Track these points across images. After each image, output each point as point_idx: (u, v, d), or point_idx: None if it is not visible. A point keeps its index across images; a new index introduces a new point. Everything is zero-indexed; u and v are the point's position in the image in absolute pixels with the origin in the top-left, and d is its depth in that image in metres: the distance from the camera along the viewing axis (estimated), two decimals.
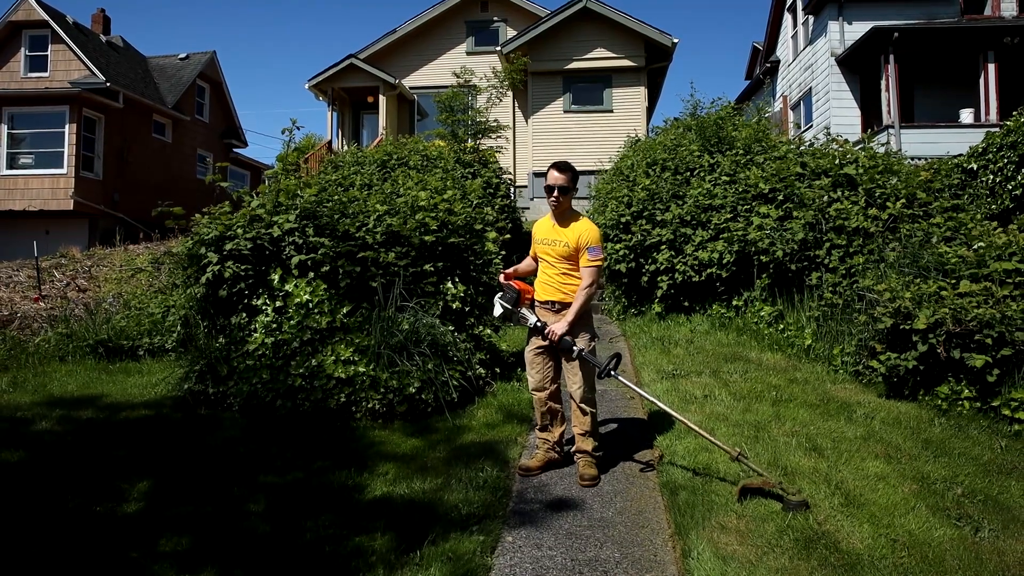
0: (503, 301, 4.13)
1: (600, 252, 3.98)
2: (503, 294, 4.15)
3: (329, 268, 5.67)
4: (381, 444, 4.66)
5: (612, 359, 3.90)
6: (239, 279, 5.71)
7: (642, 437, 4.75)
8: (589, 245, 3.94)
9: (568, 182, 4.00)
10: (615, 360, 3.91)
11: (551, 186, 4.01)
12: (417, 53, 19.64)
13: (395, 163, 11.61)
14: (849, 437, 4.39)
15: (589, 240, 3.94)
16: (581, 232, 3.96)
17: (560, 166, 4.04)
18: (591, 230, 3.98)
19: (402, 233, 5.75)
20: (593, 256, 3.94)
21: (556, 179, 4.00)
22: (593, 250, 3.94)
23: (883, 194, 6.96)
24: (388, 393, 5.17)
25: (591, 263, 3.95)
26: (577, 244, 3.96)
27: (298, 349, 5.46)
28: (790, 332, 6.93)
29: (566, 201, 4.03)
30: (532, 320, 4.07)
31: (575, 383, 4.03)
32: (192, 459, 4.43)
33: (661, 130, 12.04)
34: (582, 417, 4.08)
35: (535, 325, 4.05)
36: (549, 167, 4.11)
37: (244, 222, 5.85)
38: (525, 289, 4.15)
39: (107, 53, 23.46)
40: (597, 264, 3.97)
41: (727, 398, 5.30)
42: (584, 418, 4.07)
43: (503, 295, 4.15)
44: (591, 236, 3.95)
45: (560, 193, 3.99)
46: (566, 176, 4.00)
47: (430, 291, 5.72)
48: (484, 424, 4.99)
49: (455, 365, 5.41)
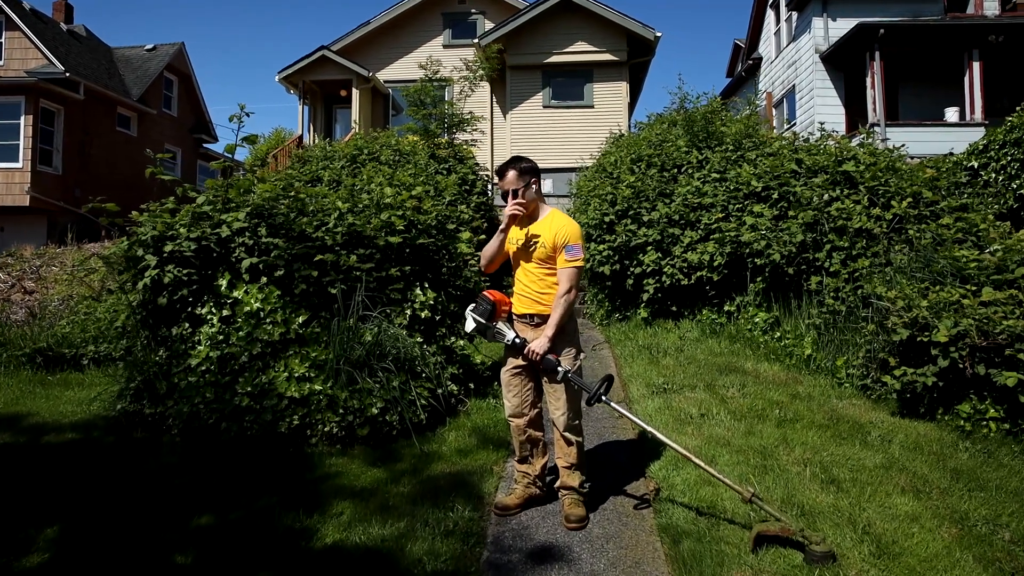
0: (475, 314, 3.54)
1: (579, 251, 3.40)
2: (476, 305, 3.56)
3: (284, 272, 5.05)
4: (337, 476, 4.07)
5: (603, 382, 3.35)
6: (181, 284, 5.08)
7: (633, 464, 4.21)
8: (567, 243, 3.37)
9: (518, 180, 3.44)
10: (606, 384, 3.36)
11: (506, 192, 3.48)
12: (392, 46, 18.96)
13: (366, 158, 10.98)
14: (868, 465, 3.89)
15: (567, 237, 3.38)
16: (558, 228, 3.40)
17: (502, 168, 3.50)
18: (568, 225, 3.42)
19: (365, 233, 5.16)
20: (571, 256, 3.37)
21: (507, 183, 3.46)
22: (571, 249, 3.37)
23: (886, 192, 6.49)
24: (348, 414, 4.59)
25: (569, 264, 3.37)
26: (554, 242, 3.40)
27: (247, 364, 4.84)
28: (788, 341, 6.45)
29: (529, 198, 3.48)
30: (509, 336, 3.49)
31: (558, 408, 3.48)
32: (119, 494, 3.82)
33: (645, 125, 11.54)
34: (566, 448, 3.53)
35: (513, 342, 3.48)
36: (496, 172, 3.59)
37: (188, 220, 5.22)
38: (501, 300, 3.54)
39: (67, 42, 22.48)
40: (576, 265, 3.38)
41: (726, 417, 4.79)
42: (569, 449, 3.52)
43: (476, 306, 3.56)
44: (569, 233, 3.39)
45: (515, 197, 3.45)
46: (514, 173, 3.44)
47: (396, 298, 5.13)
48: (456, 450, 4.42)
49: (424, 382, 4.83)
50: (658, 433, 3.30)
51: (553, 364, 3.35)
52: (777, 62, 20.46)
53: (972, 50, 15.77)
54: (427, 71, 13.01)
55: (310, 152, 12.63)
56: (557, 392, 3.44)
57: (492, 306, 3.49)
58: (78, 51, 22.81)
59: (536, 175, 3.51)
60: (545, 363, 3.36)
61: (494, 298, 3.51)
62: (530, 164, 3.49)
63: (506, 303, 3.59)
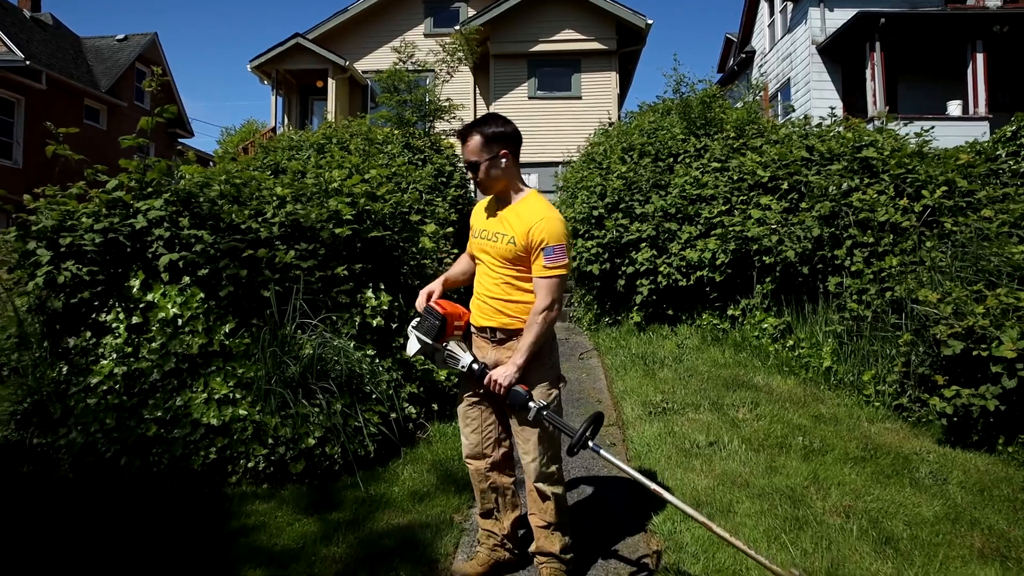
0: (419, 332, 2.65)
1: (563, 255, 2.48)
2: (419, 321, 2.68)
3: (209, 271, 4.19)
4: (258, 529, 3.21)
5: (589, 424, 2.48)
6: (82, 285, 4.20)
7: (631, 510, 3.37)
8: (546, 244, 2.47)
9: (483, 150, 2.52)
10: (591, 426, 2.49)
11: (468, 164, 2.58)
12: (371, 35, 18.05)
13: (334, 147, 10.09)
14: (927, 517, 3.07)
15: (546, 235, 2.47)
16: (534, 222, 2.49)
17: (465, 131, 2.58)
18: (548, 219, 2.49)
19: (305, 224, 4.29)
20: (552, 261, 2.46)
21: (468, 152, 2.55)
22: (552, 252, 2.46)
23: (915, 181, 5.70)
24: (278, 446, 3.73)
25: (550, 272, 2.47)
26: (528, 240, 2.50)
27: (158, 383, 3.97)
28: (802, 350, 5.64)
29: (497, 176, 2.57)
30: (465, 360, 2.62)
31: (528, 453, 2.63)
32: None
33: (637, 114, 10.72)
34: (541, 503, 2.68)
35: (470, 368, 2.61)
36: None
37: (95, 209, 4.34)
38: (454, 313, 2.67)
39: (30, 30, 21.45)
40: (558, 273, 2.48)
41: (740, 447, 3.97)
42: (545, 504, 2.68)
43: (419, 322, 2.68)
44: (549, 230, 2.47)
45: (475, 171, 2.55)
46: (478, 139, 2.52)
47: (344, 302, 4.27)
48: (409, 492, 3.56)
49: (374, 404, 3.97)
50: (682, 504, 2.44)
51: (522, 399, 2.48)
52: (771, 55, 19.74)
53: (976, 41, 15.12)
54: (402, 54, 12.10)
55: (276, 142, 11.73)
56: (527, 433, 2.59)
57: (441, 321, 2.61)
58: (42, 39, 21.79)
59: (509, 144, 2.56)
60: (512, 397, 2.50)
61: (444, 310, 2.63)
62: (501, 129, 2.55)
63: (461, 316, 2.71)
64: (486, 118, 2.62)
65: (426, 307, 2.68)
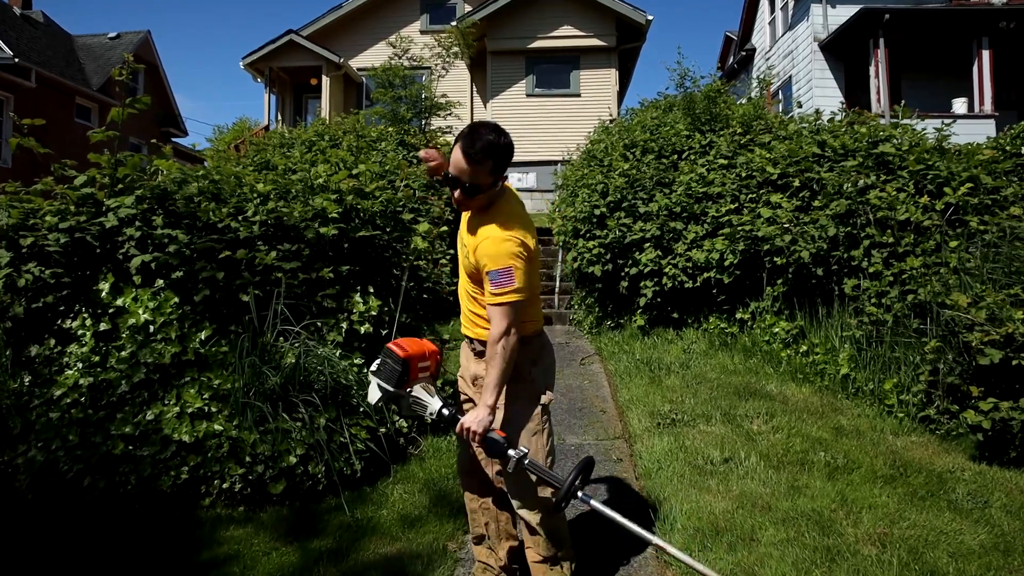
0: (379, 379, 2.33)
1: (507, 280, 2.15)
2: (379, 366, 2.35)
3: (184, 273, 3.88)
4: (231, 560, 2.90)
5: (577, 473, 2.15)
6: (46, 289, 3.89)
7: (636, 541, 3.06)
8: (486, 268, 2.18)
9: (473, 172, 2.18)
10: (580, 474, 2.15)
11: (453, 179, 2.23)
12: (366, 32, 17.72)
13: (326, 144, 9.78)
14: (972, 547, 2.77)
15: (486, 257, 2.18)
16: (480, 240, 2.22)
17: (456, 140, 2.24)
18: (492, 238, 2.19)
19: (288, 223, 3.98)
20: (497, 286, 2.16)
21: (453, 166, 2.21)
22: (496, 276, 2.16)
23: (936, 178, 5.40)
24: (256, 464, 3.42)
25: (497, 298, 2.16)
26: (476, 259, 2.24)
27: (127, 395, 3.66)
28: (817, 356, 5.34)
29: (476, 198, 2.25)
30: (433, 406, 2.31)
31: (511, 488, 2.36)
32: None
33: (638, 111, 10.40)
34: (530, 536, 2.39)
35: (439, 414, 2.30)
36: None
37: (61, 207, 4.04)
38: (417, 354, 2.32)
39: (20, 27, 21.11)
40: (505, 300, 2.15)
41: (759, 463, 3.66)
42: (534, 538, 2.38)
43: (379, 368, 2.35)
44: (488, 252, 2.18)
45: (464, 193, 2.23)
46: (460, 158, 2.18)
47: (330, 307, 3.95)
48: (399, 516, 3.25)
49: (361, 418, 3.66)
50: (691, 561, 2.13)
51: (500, 448, 2.16)
52: (772, 52, 19.46)
53: (981, 38, 14.85)
54: (397, 48, 11.78)
55: (268, 139, 11.43)
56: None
57: (402, 366, 2.27)
58: (32, 37, 21.45)
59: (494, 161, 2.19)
60: (487, 446, 2.19)
61: (405, 353, 2.29)
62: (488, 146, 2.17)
63: (426, 355, 2.36)
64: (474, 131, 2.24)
65: (384, 349, 2.35)
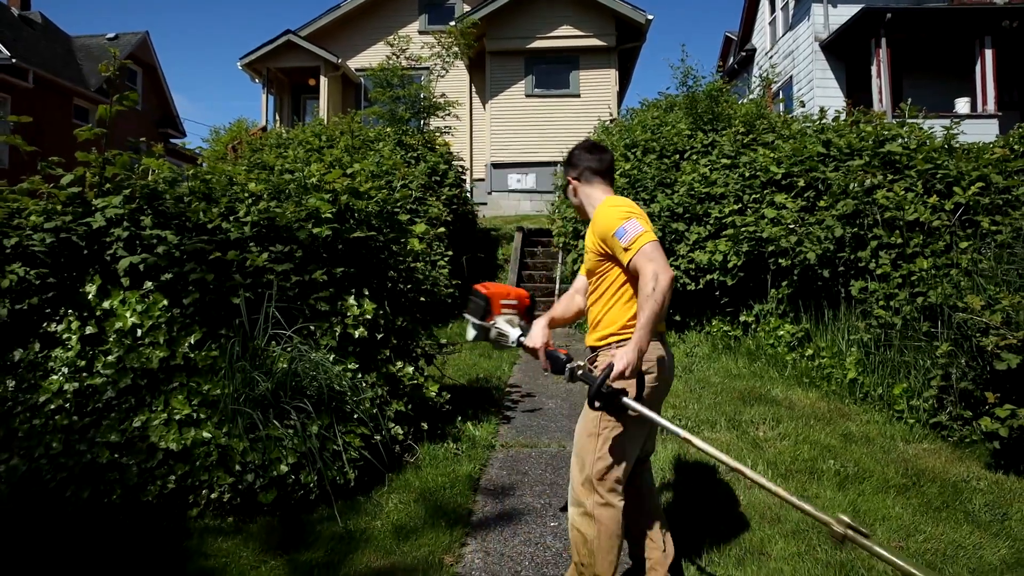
0: (470, 315, 2.67)
1: (632, 228, 2.21)
2: (468, 305, 2.69)
3: (173, 275, 3.75)
4: (217, 574, 2.78)
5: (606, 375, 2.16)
6: (31, 291, 3.77)
7: None
8: (608, 230, 2.26)
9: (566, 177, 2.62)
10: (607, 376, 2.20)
11: None
12: (364, 32, 17.61)
13: (323, 144, 9.67)
14: (993, 562, 2.65)
15: (606, 223, 2.29)
16: (594, 222, 2.40)
17: None
18: (604, 209, 2.36)
19: (280, 223, 3.86)
20: (626, 239, 2.21)
21: None
22: (620, 233, 2.23)
23: (945, 177, 5.29)
24: (246, 473, 3.29)
25: (632, 248, 2.19)
26: (597, 241, 2.37)
27: (113, 401, 3.54)
28: (823, 360, 5.22)
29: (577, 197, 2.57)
30: (512, 335, 2.57)
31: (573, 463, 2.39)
32: None
33: (639, 110, 10.29)
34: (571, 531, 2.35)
35: (518, 341, 2.53)
36: None
37: (47, 206, 3.92)
38: (498, 292, 2.68)
39: (18, 27, 21.00)
40: (639, 245, 2.17)
41: (766, 472, 3.54)
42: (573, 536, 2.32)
43: (468, 306, 2.69)
44: (606, 218, 2.30)
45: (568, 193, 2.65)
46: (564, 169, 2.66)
47: (323, 310, 3.83)
48: (393, 527, 3.13)
49: (355, 425, 3.54)
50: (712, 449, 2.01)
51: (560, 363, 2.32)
52: (773, 52, 19.36)
53: (984, 37, 14.75)
54: (395, 47, 11.66)
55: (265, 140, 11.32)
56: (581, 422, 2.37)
57: (485, 301, 2.63)
58: (30, 37, 21.34)
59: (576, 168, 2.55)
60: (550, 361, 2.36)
61: (488, 291, 2.66)
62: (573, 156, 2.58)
63: (506, 295, 2.69)
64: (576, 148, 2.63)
65: (472, 290, 2.71)
